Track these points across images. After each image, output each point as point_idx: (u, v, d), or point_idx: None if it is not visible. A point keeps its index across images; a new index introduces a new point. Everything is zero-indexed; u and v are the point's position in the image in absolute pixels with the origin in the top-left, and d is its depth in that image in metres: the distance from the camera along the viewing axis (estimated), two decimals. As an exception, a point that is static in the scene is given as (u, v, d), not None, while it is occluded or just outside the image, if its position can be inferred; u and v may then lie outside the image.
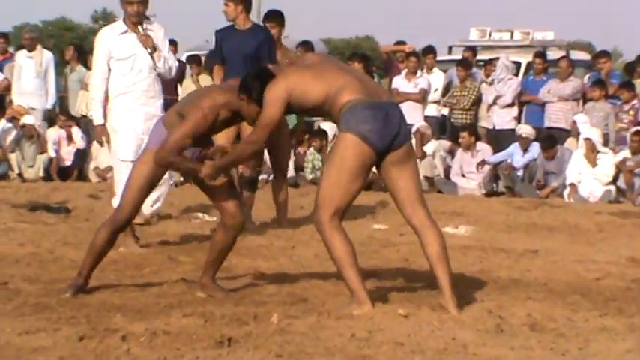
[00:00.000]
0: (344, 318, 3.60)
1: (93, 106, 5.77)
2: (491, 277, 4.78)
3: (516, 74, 11.27)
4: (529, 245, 6.08)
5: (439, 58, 11.91)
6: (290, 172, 9.09)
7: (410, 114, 9.42)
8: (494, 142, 10.60)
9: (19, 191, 9.15)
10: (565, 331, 3.55)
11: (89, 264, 4.22)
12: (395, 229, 6.69)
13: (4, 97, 11.40)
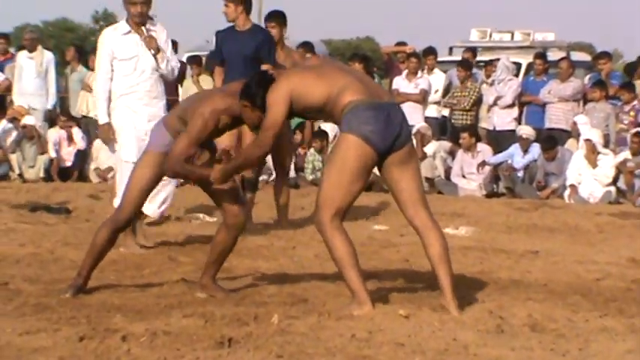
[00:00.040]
0: (344, 319, 3.60)
1: (97, 105, 5.75)
2: (492, 277, 4.79)
3: (517, 75, 11.28)
4: (529, 246, 6.09)
5: (439, 58, 11.92)
6: (290, 172, 9.10)
7: (410, 115, 9.41)
8: (494, 142, 10.61)
9: (19, 192, 9.16)
10: (565, 332, 3.56)
11: (89, 264, 4.23)
12: (395, 229, 6.70)
13: (4, 97, 11.41)
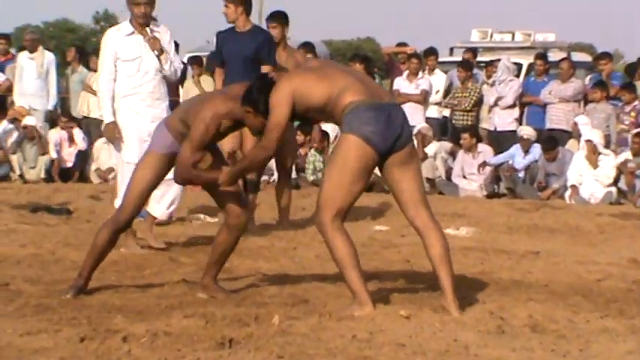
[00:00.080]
0: (345, 319, 3.61)
1: (102, 105, 5.72)
2: (493, 278, 4.79)
3: (517, 75, 11.28)
4: (530, 247, 6.09)
5: (440, 59, 11.93)
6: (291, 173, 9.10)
7: (411, 115, 9.38)
8: (495, 143, 10.61)
9: (20, 192, 9.17)
10: (566, 333, 3.56)
11: (90, 265, 4.24)
12: (396, 230, 6.71)
13: (5, 98, 11.43)
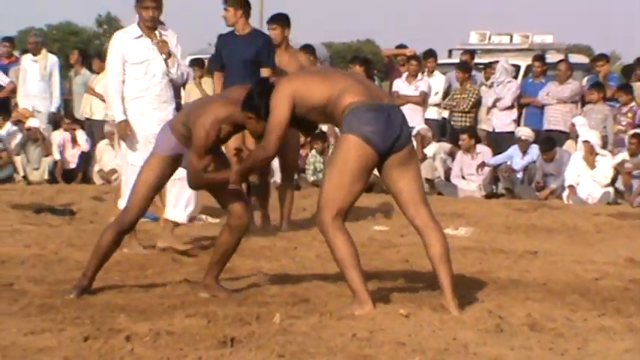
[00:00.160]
0: (345, 318, 3.62)
1: (112, 105, 5.70)
2: (491, 277, 4.80)
3: (516, 77, 11.31)
4: (528, 246, 6.11)
5: (439, 61, 11.97)
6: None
7: (410, 117, 9.40)
8: (493, 144, 10.65)
9: (24, 193, 9.20)
10: (564, 331, 3.57)
11: (94, 265, 4.25)
12: (396, 230, 6.73)
13: (9, 100, 11.48)
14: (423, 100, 11.05)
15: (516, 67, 11.58)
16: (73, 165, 10.95)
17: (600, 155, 9.61)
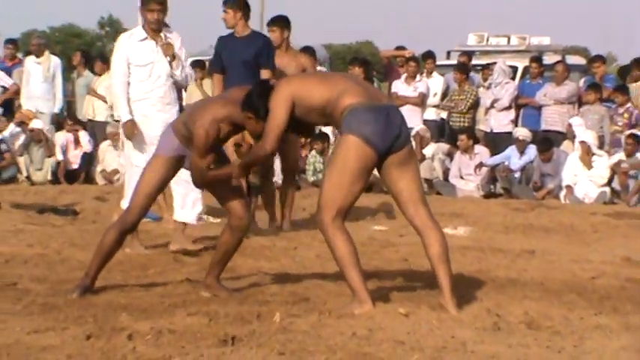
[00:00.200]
0: (345, 317, 3.63)
1: (117, 105, 5.70)
2: (489, 276, 4.82)
3: (513, 78, 11.34)
4: (526, 246, 6.14)
5: (438, 62, 12.01)
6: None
7: (409, 117, 9.39)
8: (491, 144, 10.68)
9: (27, 194, 9.23)
10: (561, 329, 3.58)
11: (96, 265, 4.27)
12: (395, 230, 6.75)
13: (13, 101, 11.52)
14: (421, 101, 11.09)
15: (514, 69, 11.61)
16: (75, 166, 11.00)
17: (597, 155, 9.65)
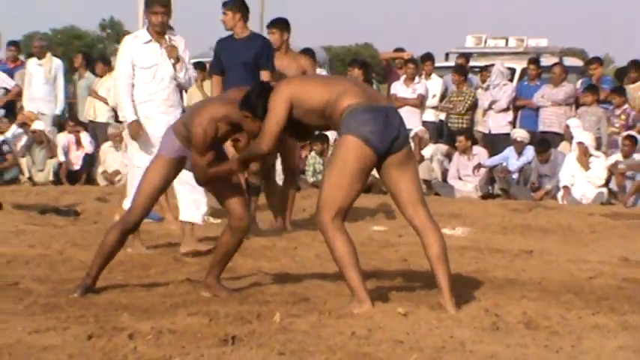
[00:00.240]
0: (344, 317, 3.64)
1: (122, 106, 5.69)
2: (488, 276, 4.84)
3: (511, 80, 11.38)
4: (524, 246, 6.16)
5: (436, 64, 12.05)
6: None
7: (408, 119, 9.44)
8: (490, 145, 10.72)
9: (29, 194, 9.25)
10: (559, 329, 3.59)
11: (98, 264, 4.29)
12: (394, 230, 6.78)
13: (15, 103, 11.55)
14: (420, 103, 11.12)
15: (512, 70, 11.64)
16: (77, 166, 11.05)
17: (594, 156, 9.68)
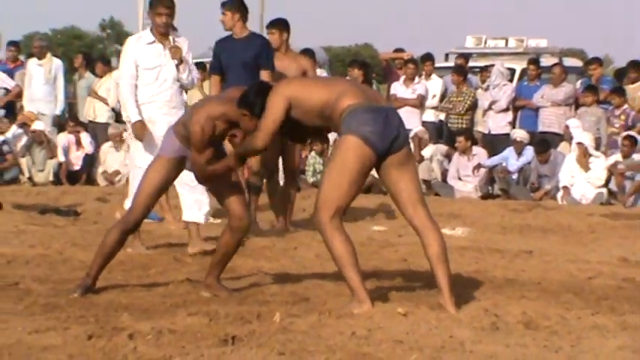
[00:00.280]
0: (344, 317, 3.65)
1: (126, 107, 5.69)
2: (487, 276, 4.84)
3: (511, 80, 11.39)
4: (523, 246, 6.17)
5: (436, 64, 12.06)
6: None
7: (408, 119, 9.46)
8: (489, 146, 10.73)
9: (29, 195, 9.26)
10: (558, 329, 3.60)
11: (98, 264, 4.29)
12: (394, 230, 6.79)
13: (15, 103, 11.56)
14: (420, 103, 11.13)
15: (511, 71, 11.66)
16: (77, 167, 11.07)
17: (594, 157, 9.70)
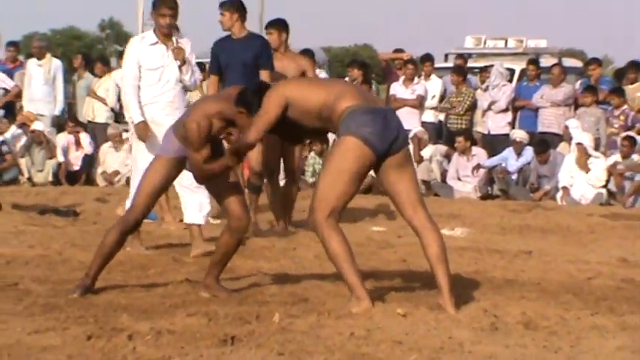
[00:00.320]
0: (343, 317, 3.65)
1: (129, 107, 5.68)
2: (487, 277, 4.85)
3: (510, 80, 11.40)
4: (523, 246, 6.17)
5: (435, 65, 12.06)
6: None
7: (407, 120, 9.55)
8: (489, 146, 10.74)
9: (28, 195, 9.27)
10: (558, 330, 3.60)
11: (97, 265, 4.29)
12: (393, 231, 6.79)
13: (14, 103, 11.57)
14: (419, 104, 11.14)
15: (511, 71, 11.66)
16: (76, 167, 11.08)
17: (593, 157, 9.70)
